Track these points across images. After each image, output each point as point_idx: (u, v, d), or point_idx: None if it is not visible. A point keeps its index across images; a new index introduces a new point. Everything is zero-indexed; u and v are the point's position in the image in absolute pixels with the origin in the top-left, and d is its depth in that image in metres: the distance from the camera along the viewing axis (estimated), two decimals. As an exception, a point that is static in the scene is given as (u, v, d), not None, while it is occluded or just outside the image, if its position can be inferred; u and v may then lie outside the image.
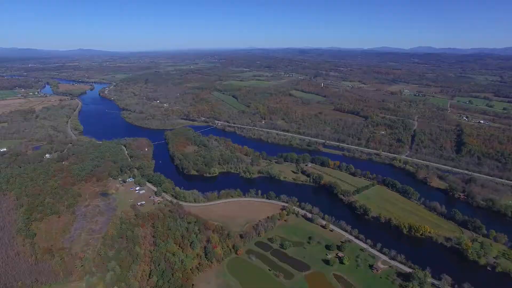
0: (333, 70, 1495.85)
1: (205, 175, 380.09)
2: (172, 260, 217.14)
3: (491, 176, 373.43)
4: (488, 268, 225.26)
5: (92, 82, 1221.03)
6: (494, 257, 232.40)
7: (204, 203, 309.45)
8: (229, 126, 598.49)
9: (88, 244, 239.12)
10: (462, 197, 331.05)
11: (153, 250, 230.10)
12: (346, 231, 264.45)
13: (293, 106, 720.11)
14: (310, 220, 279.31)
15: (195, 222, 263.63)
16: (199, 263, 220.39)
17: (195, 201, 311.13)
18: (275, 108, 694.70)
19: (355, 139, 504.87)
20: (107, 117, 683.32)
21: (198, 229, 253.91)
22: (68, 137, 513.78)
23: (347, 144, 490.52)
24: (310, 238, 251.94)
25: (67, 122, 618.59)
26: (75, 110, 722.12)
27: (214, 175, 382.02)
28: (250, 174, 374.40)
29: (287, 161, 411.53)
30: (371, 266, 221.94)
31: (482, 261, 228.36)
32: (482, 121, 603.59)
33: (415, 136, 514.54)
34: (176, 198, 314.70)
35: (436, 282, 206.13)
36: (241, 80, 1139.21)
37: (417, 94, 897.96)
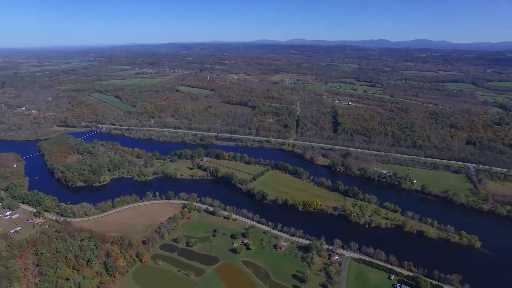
0: (218, 64, 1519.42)
1: (94, 184, 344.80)
2: (67, 286, 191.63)
3: (361, 149, 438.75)
4: (366, 225, 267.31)
5: None
6: (369, 216, 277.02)
7: (97, 215, 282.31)
8: (115, 129, 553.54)
9: None
10: (342, 170, 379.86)
11: (39, 281, 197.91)
12: (248, 218, 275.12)
13: (182, 102, 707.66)
14: (212, 213, 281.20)
15: (89, 238, 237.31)
16: (100, 282, 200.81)
17: (86, 215, 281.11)
18: (163, 105, 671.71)
19: (246, 129, 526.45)
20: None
21: (94, 245, 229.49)
22: None
23: (239, 135, 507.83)
24: (215, 231, 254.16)
25: None
26: None
27: (105, 183, 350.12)
28: (144, 176, 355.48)
29: (182, 158, 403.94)
30: (275, 246, 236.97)
31: (362, 221, 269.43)
32: (350, 103, 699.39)
33: (299, 120, 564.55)
34: (62, 215, 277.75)
35: (330, 247, 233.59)
36: (123, 79, 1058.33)
37: (297, 82, 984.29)
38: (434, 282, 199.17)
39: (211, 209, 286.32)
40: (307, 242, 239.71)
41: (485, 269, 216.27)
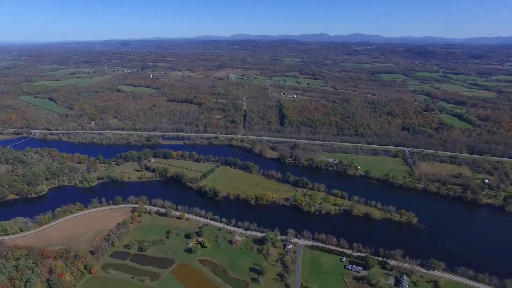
0: (160, 61, 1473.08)
1: (30, 196, 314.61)
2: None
3: (307, 140, 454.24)
4: (317, 213, 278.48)
5: None
6: (319, 204, 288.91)
7: (35, 229, 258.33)
8: (51, 134, 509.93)
9: None
10: (291, 161, 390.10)
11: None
12: (201, 216, 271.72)
13: (124, 102, 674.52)
14: (164, 214, 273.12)
15: (26, 255, 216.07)
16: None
17: (22, 231, 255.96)
18: (104, 106, 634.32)
19: (193, 127, 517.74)
20: None
21: (34, 262, 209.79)
22: None
23: (187, 133, 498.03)
24: (168, 232, 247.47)
25: None
26: None
27: (43, 193, 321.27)
28: (88, 183, 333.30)
29: (128, 160, 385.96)
30: (230, 242, 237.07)
31: (312, 209, 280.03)
32: (295, 96, 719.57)
33: (246, 115, 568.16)
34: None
35: (284, 237, 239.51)
36: (56, 80, 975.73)
37: (242, 77, 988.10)
38: (380, 259, 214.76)
39: (162, 210, 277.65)
40: (261, 234, 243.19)
41: (422, 242, 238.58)
